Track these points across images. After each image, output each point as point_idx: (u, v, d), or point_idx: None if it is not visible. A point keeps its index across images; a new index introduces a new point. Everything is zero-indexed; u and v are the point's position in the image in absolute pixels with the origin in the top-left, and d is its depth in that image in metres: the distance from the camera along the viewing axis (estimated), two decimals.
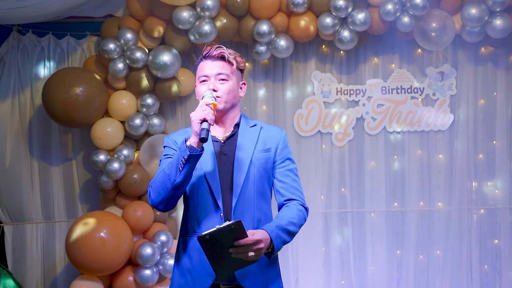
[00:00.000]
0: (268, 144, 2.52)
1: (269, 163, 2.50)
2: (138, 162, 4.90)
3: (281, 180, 2.52)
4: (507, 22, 4.71)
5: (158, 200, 2.38)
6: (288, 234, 2.40)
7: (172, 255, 4.81)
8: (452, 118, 5.18)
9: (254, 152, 2.47)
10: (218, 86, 2.45)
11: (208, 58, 2.48)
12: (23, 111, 5.14)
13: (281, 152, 2.54)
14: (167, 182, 2.33)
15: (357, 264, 5.22)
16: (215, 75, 2.46)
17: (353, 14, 4.77)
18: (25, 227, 5.13)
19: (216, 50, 2.47)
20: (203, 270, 2.40)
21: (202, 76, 2.48)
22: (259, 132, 2.53)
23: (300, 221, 2.47)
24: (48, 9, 4.68)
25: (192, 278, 2.43)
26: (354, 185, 5.25)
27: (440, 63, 5.19)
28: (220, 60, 2.47)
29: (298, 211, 2.47)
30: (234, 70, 2.49)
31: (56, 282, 5.20)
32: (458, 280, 5.16)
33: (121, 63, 4.81)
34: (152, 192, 2.40)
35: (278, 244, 2.34)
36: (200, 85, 2.50)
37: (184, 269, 2.46)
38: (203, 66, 2.49)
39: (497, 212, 5.18)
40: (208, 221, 2.40)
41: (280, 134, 2.57)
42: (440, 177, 5.21)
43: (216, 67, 2.46)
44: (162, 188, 2.35)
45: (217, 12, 4.76)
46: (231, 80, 2.48)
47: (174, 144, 2.52)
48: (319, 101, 5.20)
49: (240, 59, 2.54)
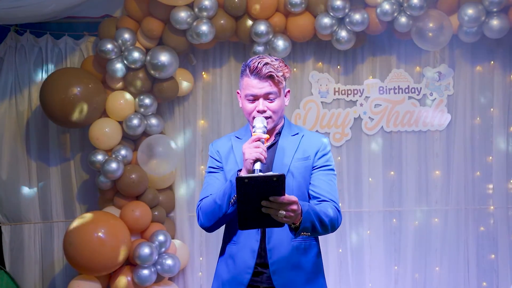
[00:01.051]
0: (308, 152, 2.47)
1: (307, 172, 2.46)
2: (136, 162, 4.91)
3: (315, 184, 2.45)
4: (503, 22, 4.72)
5: (209, 226, 2.44)
6: (319, 220, 2.30)
7: (169, 255, 4.83)
8: (449, 118, 5.19)
9: (292, 161, 2.44)
10: (267, 105, 2.41)
11: (256, 76, 2.40)
12: (20, 111, 5.14)
13: (319, 158, 2.48)
14: (218, 212, 2.37)
15: (354, 264, 5.23)
16: (263, 95, 2.41)
17: (350, 14, 4.78)
18: (22, 227, 5.12)
19: (265, 68, 2.38)
20: (235, 280, 2.43)
21: (250, 95, 2.42)
22: (300, 141, 2.49)
23: (333, 219, 2.37)
24: (45, 9, 4.68)
25: (223, 285, 2.47)
26: (352, 185, 5.26)
27: (437, 63, 5.21)
28: (269, 79, 2.39)
29: (332, 210, 2.38)
30: (282, 87, 2.45)
31: (54, 282, 5.20)
32: (456, 280, 5.18)
33: (119, 63, 4.81)
34: (203, 217, 2.44)
35: (306, 222, 2.23)
36: (248, 103, 2.43)
37: (219, 274, 2.51)
38: (250, 83, 2.41)
39: (494, 212, 5.20)
40: (245, 232, 2.40)
41: (321, 141, 2.51)
42: (438, 177, 5.22)
43: (265, 87, 2.40)
44: (213, 215, 2.39)
45: (214, 12, 4.76)
46: (279, 97, 2.44)
47: (217, 155, 2.52)
48: (317, 101, 5.21)
49: (287, 70, 2.45)
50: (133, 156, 4.95)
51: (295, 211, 2.16)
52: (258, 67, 2.38)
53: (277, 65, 2.41)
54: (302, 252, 2.42)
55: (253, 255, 2.40)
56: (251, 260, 2.40)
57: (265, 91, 2.40)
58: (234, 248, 2.46)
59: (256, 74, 2.39)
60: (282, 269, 2.38)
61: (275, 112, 2.43)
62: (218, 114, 5.24)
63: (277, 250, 2.39)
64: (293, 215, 2.17)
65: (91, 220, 4.62)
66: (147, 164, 4.83)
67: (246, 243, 2.42)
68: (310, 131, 2.59)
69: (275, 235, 2.40)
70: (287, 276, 2.39)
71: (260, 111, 2.40)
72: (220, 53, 5.22)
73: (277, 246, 2.39)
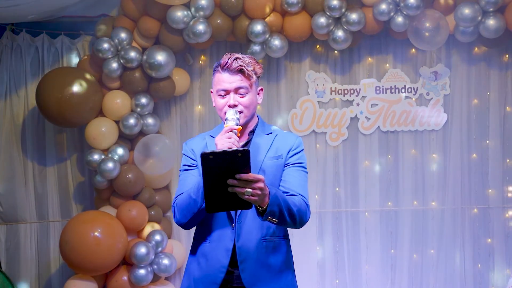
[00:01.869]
0: (280, 151, 2.47)
1: (279, 170, 2.45)
2: (133, 162, 4.90)
3: (286, 179, 2.44)
4: (500, 22, 4.73)
5: (185, 222, 2.41)
6: (287, 207, 2.27)
7: (166, 255, 4.82)
8: (446, 117, 5.20)
9: (265, 159, 2.43)
10: (238, 100, 2.41)
11: (226, 70, 2.40)
12: (16, 110, 5.13)
13: (291, 157, 2.48)
14: (194, 207, 2.34)
15: (351, 263, 5.24)
16: (234, 89, 2.41)
17: (347, 14, 4.78)
18: (18, 227, 5.11)
19: (235, 62, 2.39)
20: (207, 278, 2.41)
21: (221, 90, 2.42)
22: (273, 140, 2.49)
23: (301, 211, 2.34)
24: (41, 8, 4.67)
25: (195, 284, 2.45)
26: (349, 184, 5.27)
27: (433, 63, 5.21)
28: (239, 73, 2.40)
29: (300, 201, 2.38)
30: (254, 82, 2.45)
31: (50, 282, 5.19)
32: (452, 279, 5.18)
33: (115, 63, 4.81)
34: (178, 213, 2.41)
35: (273, 205, 2.21)
36: (219, 98, 2.44)
37: (190, 273, 2.49)
38: (221, 79, 2.42)
39: (490, 212, 5.21)
40: (219, 229, 2.40)
41: (294, 140, 2.52)
42: (434, 176, 5.23)
43: (236, 81, 2.39)
44: (188, 211, 2.37)
45: (211, 11, 4.76)
46: (250, 92, 2.43)
47: (191, 153, 2.50)
48: (314, 101, 5.22)
49: (258, 66, 2.46)
50: (130, 155, 4.94)
51: (262, 189, 2.14)
52: (228, 62, 2.40)
53: (248, 61, 2.42)
54: (271, 251, 2.41)
55: (227, 254, 2.39)
56: (225, 259, 2.39)
57: (235, 85, 2.40)
58: (207, 246, 2.44)
59: (226, 69, 2.40)
60: (252, 267, 2.37)
61: (247, 107, 2.42)
62: (215, 114, 5.23)
63: (246, 248, 2.38)
64: (260, 193, 2.14)
65: (87, 220, 4.61)
66: (144, 163, 4.82)
67: (220, 242, 2.40)
68: (284, 131, 2.59)
69: (244, 234, 2.39)
70: (256, 274, 2.38)
71: (231, 105, 2.40)
72: (216, 52, 5.22)
73: (246, 244, 2.39)
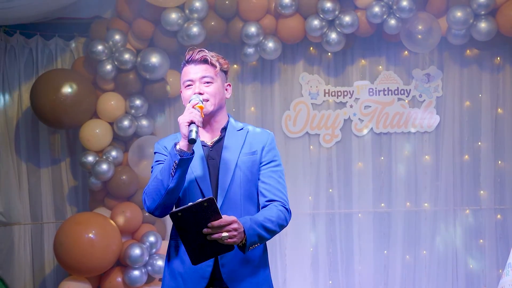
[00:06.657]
0: (255, 147, 2.51)
1: (255, 166, 2.50)
2: (127, 164, 4.91)
3: (264, 181, 2.50)
4: (491, 25, 4.77)
5: (154, 207, 2.40)
6: (265, 229, 2.35)
7: (160, 256, 4.82)
8: (438, 119, 5.24)
9: (240, 155, 2.47)
10: (203, 89, 2.46)
11: (191, 62, 2.49)
12: (10, 112, 5.12)
13: (266, 154, 2.52)
14: (161, 188, 2.35)
15: (344, 264, 5.26)
16: (199, 79, 2.47)
17: (340, 16, 4.81)
18: (12, 229, 5.11)
19: (198, 53, 2.48)
20: (195, 273, 2.41)
21: (187, 81, 2.49)
22: (246, 135, 2.53)
23: (279, 221, 2.42)
24: (36, 10, 4.67)
25: (184, 281, 2.44)
26: (342, 186, 5.29)
27: (426, 65, 5.25)
28: (203, 63, 2.47)
29: (277, 211, 2.44)
30: (218, 72, 2.50)
31: (45, 283, 5.19)
32: (444, 280, 5.22)
33: (110, 65, 4.82)
34: (147, 199, 2.42)
35: (252, 236, 2.29)
36: (186, 89, 2.50)
37: (175, 272, 2.47)
38: (187, 71, 2.50)
39: (482, 213, 5.24)
40: None
41: (267, 137, 2.56)
42: (427, 178, 5.26)
43: (200, 71, 2.47)
44: (156, 194, 2.37)
45: (205, 14, 4.78)
46: (216, 82, 2.49)
47: (164, 150, 2.53)
48: (307, 103, 5.24)
49: (223, 60, 2.55)
50: (124, 157, 4.95)
51: (237, 229, 2.22)
52: (192, 55, 2.49)
53: (212, 54, 2.51)
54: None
55: None
56: None
57: (200, 75, 2.46)
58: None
59: (191, 61, 2.49)
60: (231, 262, 2.41)
61: (213, 95, 2.47)
62: None
63: None
64: (236, 233, 2.22)
65: (81, 221, 4.61)
66: (138, 165, 4.83)
67: None
68: (255, 127, 2.62)
69: None
70: (235, 268, 2.42)
71: (196, 93, 2.45)
72: None
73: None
